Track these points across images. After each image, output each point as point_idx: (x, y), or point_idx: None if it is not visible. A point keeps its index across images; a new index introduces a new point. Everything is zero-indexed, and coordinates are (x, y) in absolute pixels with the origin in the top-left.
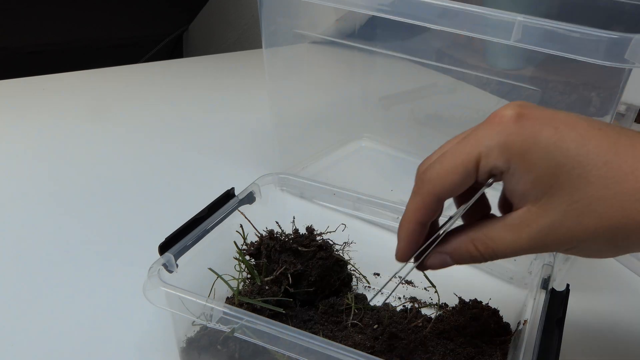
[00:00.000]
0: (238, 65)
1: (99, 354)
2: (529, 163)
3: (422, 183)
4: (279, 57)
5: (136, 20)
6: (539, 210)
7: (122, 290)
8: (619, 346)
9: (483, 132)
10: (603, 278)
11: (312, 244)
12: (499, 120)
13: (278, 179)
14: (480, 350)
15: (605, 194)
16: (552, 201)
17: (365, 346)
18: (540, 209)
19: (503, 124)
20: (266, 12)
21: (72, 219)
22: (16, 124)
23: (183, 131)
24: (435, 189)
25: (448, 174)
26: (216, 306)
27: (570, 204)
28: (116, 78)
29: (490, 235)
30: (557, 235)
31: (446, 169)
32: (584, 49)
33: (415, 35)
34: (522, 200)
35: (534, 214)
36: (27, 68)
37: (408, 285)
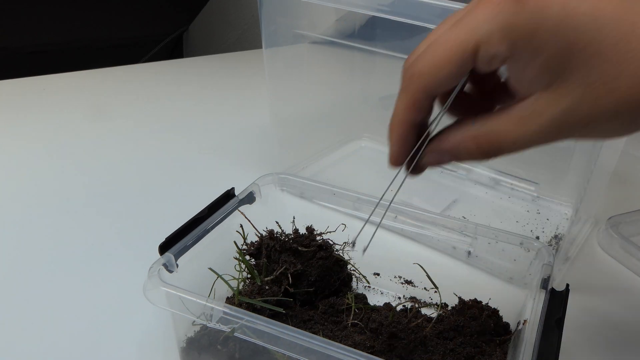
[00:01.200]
0: (238, 65)
1: (99, 354)
2: (536, 45)
3: (411, 77)
4: (279, 57)
5: (136, 20)
6: (551, 96)
7: (122, 290)
8: (619, 346)
9: (480, 13)
10: (603, 278)
11: (312, 244)
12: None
13: (278, 179)
14: (480, 350)
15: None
16: (566, 85)
17: (365, 346)
18: (553, 95)
19: (502, 4)
20: (266, 12)
21: (72, 218)
22: (16, 124)
23: (183, 131)
24: (427, 83)
25: (441, 65)
26: (216, 306)
27: (587, 85)
28: (116, 78)
29: (495, 129)
30: (572, 121)
31: (438, 60)
32: None
33: (415, 35)
34: (530, 87)
35: (546, 101)
36: (27, 68)
37: (408, 285)
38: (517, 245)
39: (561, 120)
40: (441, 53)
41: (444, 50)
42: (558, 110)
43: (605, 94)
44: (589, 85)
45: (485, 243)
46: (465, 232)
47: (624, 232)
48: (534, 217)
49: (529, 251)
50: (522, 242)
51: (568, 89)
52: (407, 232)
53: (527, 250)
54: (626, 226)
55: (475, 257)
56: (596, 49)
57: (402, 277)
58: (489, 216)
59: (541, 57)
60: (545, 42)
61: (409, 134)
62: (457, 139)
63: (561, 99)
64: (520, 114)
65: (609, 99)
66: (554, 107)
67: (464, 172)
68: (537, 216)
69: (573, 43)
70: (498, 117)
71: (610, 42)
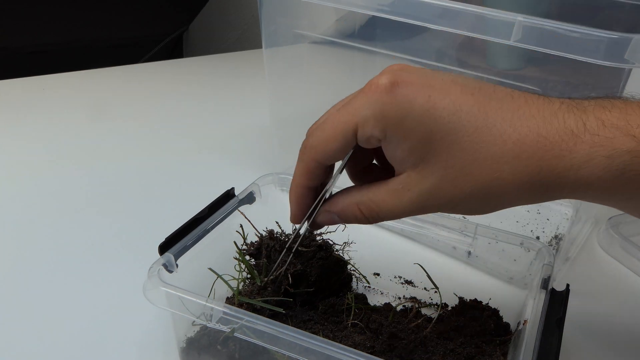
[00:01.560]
0: (238, 65)
1: (99, 354)
2: (404, 132)
3: (304, 149)
4: (279, 57)
5: (136, 20)
6: (417, 175)
7: (122, 290)
8: (619, 346)
9: (359, 101)
10: (603, 278)
11: (312, 244)
12: (374, 89)
13: (278, 179)
14: (480, 350)
15: (477, 157)
16: (429, 167)
17: (365, 346)
18: (419, 175)
19: (378, 93)
20: (266, 12)
21: (71, 218)
22: (16, 124)
23: (183, 131)
24: (317, 155)
25: (328, 141)
26: (216, 306)
27: (446, 168)
28: (116, 78)
29: (374, 199)
30: (436, 198)
31: (326, 137)
32: (584, 49)
33: (415, 35)
34: (402, 165)
35: (414, 179)
36: (27, 68)
37: (408, 286)
38: (517, 245)
39: (427, 196)
40: (328, 131)
41: (330, 128)
42: (424, 187)
43: (462, 176)
44: (449, 169)
45: (485, 243)
46: (465, 232)
47: (624, 232)
48: (534, 217)
49: (529, 251)
50: (523, 242)
51: (431, 170)
52: (407, 232)
53: (528, 250)
54: (626, 226)
55: (475, 257)
56: (454, 138)
57: (402, 277)
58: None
59: (408, 142)
60: (411, 130)
61: (304, 196)
62: (344, 204)
63: (425, 178)
64: (394, 187)
65: (465, 181)
66: (421, 184)
67: None
68: (537, 216)
69: (435, 132)
70: (377, 188)
71: (465, 132)
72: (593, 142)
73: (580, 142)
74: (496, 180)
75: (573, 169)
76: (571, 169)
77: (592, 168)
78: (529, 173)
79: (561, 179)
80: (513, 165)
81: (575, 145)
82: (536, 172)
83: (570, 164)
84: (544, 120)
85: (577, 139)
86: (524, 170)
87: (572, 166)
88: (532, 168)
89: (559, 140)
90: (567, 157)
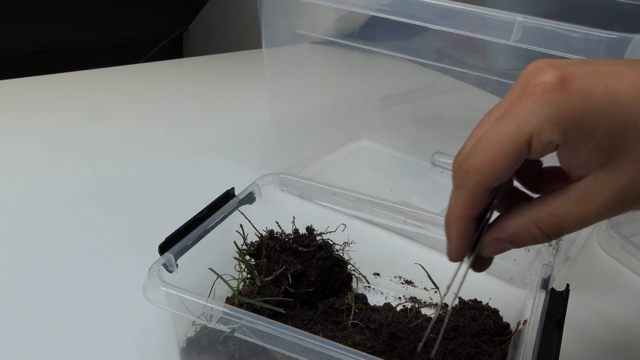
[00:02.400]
0: (238, 65)
1: (99, 354)
2: (587, 129)
3: (465, 175)
4: (279, 57)
5: (136, 20)
6: (608, 175)
7: (122, 290)
8: (619, 346)
9: (525, 106)
10: (603, 278)
11: (312, 244)
12: (541, 90)
13: (278, 179)
14: (480, 350)
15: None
16: (622, 162)
17: (365, 346)
18: (610, 174)
19: (548, 93)
20: (266, 12)
21: (71, 218)
22: (16, 124)
23: (183, 131)
24: (484, 179)
25: (496, 160)
26: (216, 306)
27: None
28: (116, 78)
29: (556, 212)
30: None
31: (493, 155)
32: (584, 49)
33: (415, 35)
34: (585, 168)
35: (604, 180)
36: (27, 68)
37: (408, 285)
38: None
39: (621, 196)
40: (494, 148)
41: (497, 144)
42: (617, 188)
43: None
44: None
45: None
46: None
47: (624, 232)
48: None
49: (529, 251)
50: None
51: (624, 166)
52: (407, 232)
53: (527, 250)
54: (626, 226)
55: None
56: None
57: (402, 277)
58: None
59: (593, 139)
60: (596, 125)
61: (468, 229)
62: (517, 226)
63: (618, 176)
64: (579, 194)
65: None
66: (613, 185)
67: None
68: None
69: (623, 122)
70: (555, 199)
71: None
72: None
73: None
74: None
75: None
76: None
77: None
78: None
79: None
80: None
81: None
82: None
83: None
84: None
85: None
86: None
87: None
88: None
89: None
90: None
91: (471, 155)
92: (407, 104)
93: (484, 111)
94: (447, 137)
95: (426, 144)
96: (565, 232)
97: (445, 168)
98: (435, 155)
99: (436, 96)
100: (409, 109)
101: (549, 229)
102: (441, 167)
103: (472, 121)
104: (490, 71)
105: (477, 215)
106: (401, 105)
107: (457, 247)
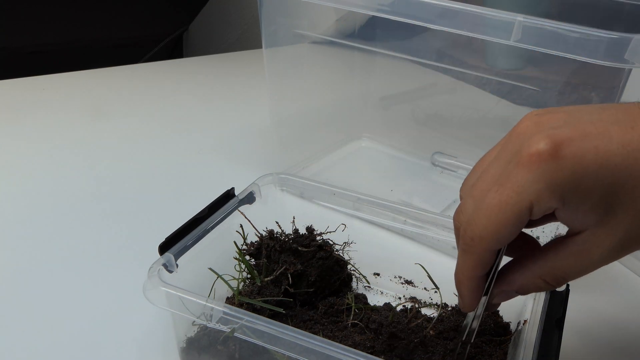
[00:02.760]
0: (238, 65)
1: (99, 354)
2: (583, 193)
3: (472, 241)
4: (279, 57)
5: (136, 20)
6: (604, 230)
7: (122, 290)
8: (619, 346)
9: (522, 175)
10: (603, 278)
11: (312, 244)
12: (536, 159)
13: (278, 179)
14: (480, 350)
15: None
16: (617, 217)
17: (365, 346)
18: (605, 229)
19: (543, 163)
20: (266, 12)
21: (71, 218)
22: (16, 124)
23: (183, 131)
24: (490, 245)
25: (499, 228)
26: (216, 306)
27: (636, 212)
28: (116, 78)
29: (559, 266)
30: (630, 243)
31: (496, 223)
32: (584, 49)
33: (415, 35)
34: (582, 225)
35: (602, 234)
36: (27, 68)
37: (408, 286)
38: None
39: (620, 245)
40: (497, 217)
41: (499, 213)
42: (615, 240)
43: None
44: (638, 212)
45: None
46: None
47: None
48: None
49: None
50: None
51: (619, 219)
52: (407, 232)
53: None
54: None
55: None
56: (637, 182)
57: (402, 277)
58: None
59: (589, 201)
60: (590, 189)
61: (478, 286)
62: (524, 280)
63: (615, 229)
64: (579, 249)
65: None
66: (610, 238)
67: (464, 172)
68: None
69: (614, 183)
70: (556, 254)
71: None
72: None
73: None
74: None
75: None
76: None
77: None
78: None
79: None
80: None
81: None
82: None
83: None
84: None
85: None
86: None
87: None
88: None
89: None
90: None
91: (475, 223)
92: (407, 104)
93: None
94: (447, 137)
95: (426, 144)
96: (567, 281)
97: (446, 168)
98: (435, 155)
99: (436, 96)
100: (409, 109)
101: (554, 281)
102: (441, 167)
103: (472, 121)
104: (490, 71)
105: (486, 272)
106: (401, 105)
107: (469, 302)
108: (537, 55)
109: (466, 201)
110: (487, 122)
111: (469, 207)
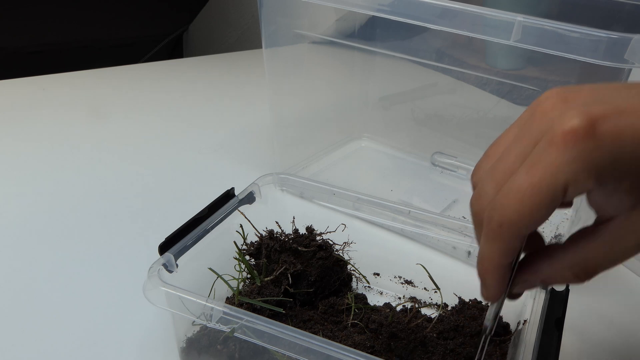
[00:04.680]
0: (238, 65)
1: (99, 354)
2: (620, 172)
3: (500, 228)
4: (279, 57)
5: (136, 20)
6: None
7: (122, 290)
8: (619, 346)
9: (556, 155)
10: (603, 278)
11: (312, 244)
12: (572, 137)
13: (278, 179)
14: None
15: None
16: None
17: (365, 346)
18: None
19: (579, 141)
20: (266, 12)
21: (71, 218)
22: (16, 124)
23: (183, 131)
24: (521, 230)
25: (532, 211)
26: (216, 306)
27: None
28: (116, 78)
29: (590, 256)
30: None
31: (529, 207)
32: (584, 49)
33: (415, 35)
34: (617, 208)
35: (637, 218)
36: (27, 68)
37: (408, 285)
38: None
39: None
40: (529, 200)
41: (532, 195)
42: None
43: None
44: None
45: None
46: (465, 232)
47: None
48: None
49: None
50: None
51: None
52: (407, 232)
53: None
54: None
55: (476, 257)
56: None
57: (402, 277)
58: None
59: (626, 182)
60: (628, 168)
61: (505, 274)
62: (552, 271)
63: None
64: (613, 236)
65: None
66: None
67: (464, 172)
68: None
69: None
70: (587, 243)
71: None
72: None
73: None
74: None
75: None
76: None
77: None
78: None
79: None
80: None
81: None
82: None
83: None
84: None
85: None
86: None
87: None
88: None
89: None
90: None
91: (504, 207)
92: (407, 104)
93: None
94: (447, 137)
95: (426, 144)
96: (598, 274)
97: (446, 168)
98: (435, 155)
99: (436, 96)
100: (409, 109)
101: (584, 273)
102: (441, 167)
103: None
104: (490, 71)
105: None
106: (401, 105)
107: (495, 292)
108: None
109: (485, 185)
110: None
111: (490, 191)
